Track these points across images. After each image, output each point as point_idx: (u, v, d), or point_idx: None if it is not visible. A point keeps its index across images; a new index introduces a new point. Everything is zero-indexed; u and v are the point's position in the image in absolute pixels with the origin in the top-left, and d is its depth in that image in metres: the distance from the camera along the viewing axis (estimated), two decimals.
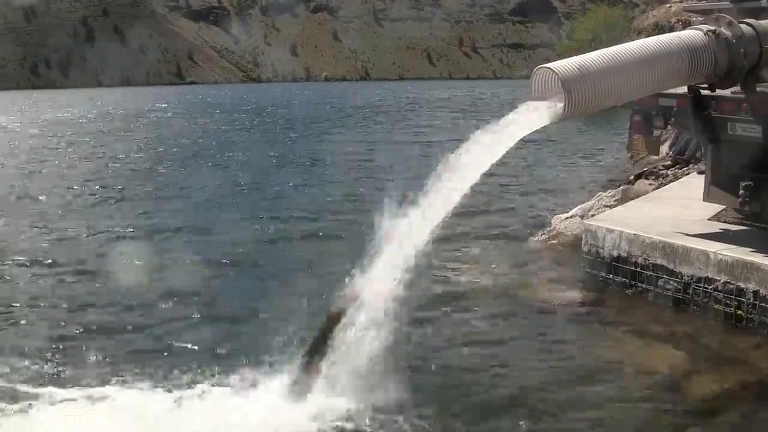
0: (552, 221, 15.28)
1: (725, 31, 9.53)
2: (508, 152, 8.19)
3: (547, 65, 8.37)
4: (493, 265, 13.33)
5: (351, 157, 30.10)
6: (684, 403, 8.10)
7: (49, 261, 13.95)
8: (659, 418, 7.77)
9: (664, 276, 10.91)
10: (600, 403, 8.13)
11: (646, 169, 19.26)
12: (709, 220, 12.03)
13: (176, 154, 32.99)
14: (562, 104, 8.04)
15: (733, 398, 8.17)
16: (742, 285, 9.94)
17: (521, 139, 8.19)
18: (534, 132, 8.26)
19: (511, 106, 8.41)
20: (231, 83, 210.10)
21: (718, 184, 11.59)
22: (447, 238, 8.87)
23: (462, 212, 8.51)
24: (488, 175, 8.28)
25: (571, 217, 14.84)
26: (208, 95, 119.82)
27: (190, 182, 24.24)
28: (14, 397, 8.17)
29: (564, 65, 8.31)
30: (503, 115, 8.26)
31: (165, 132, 45.99)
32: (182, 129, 48.60)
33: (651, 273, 11.11)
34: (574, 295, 11.76)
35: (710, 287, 10.29)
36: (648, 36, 15.70)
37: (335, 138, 38.86)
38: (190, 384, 8.48)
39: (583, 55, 8.69)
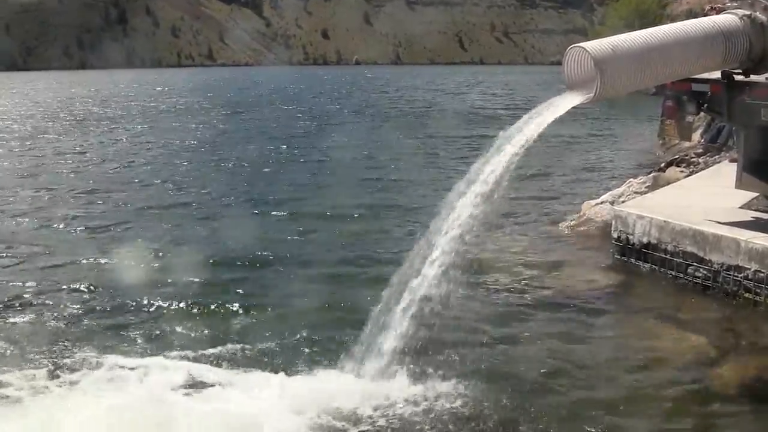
0: (582, 207, 15.20)
1: (761, 16, 9.43)
2: (542, 134, 8.23)
3: (580, 45, 8.32)
4: (522, 250, 13.29)
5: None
6: (712, 390, 8.04)
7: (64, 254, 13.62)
8: (687, 404, 7.73)
9: (694, 263, 10.84)
10: (627, 388, 8.11)
11: (677, 156, 19.10)
12: (740, 208, 11.91)
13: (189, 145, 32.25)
14: (594, 84, 7.99)
15: (762, 386, 8.11)
16: None
17: (554, 122, 8.19)
18: (565, 114, 8.23)
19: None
20: (262, 66, 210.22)
21: (751, 170, 11.47)
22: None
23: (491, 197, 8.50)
24: (519, 160, 8.32)
25: (601, 203, 14.77)
26: (236, 78, 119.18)
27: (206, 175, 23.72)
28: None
29: (597, 45, 8.25)
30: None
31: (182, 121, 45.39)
32: (199, 117, 48.09)
33: (681, 260, 11.04)
34: (603, 280, 11.70)
35: (740, 275, 10.21)
36: None
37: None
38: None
39: (617, 35, 8.62)
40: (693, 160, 18.12)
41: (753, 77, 10.21)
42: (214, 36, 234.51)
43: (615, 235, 12.24)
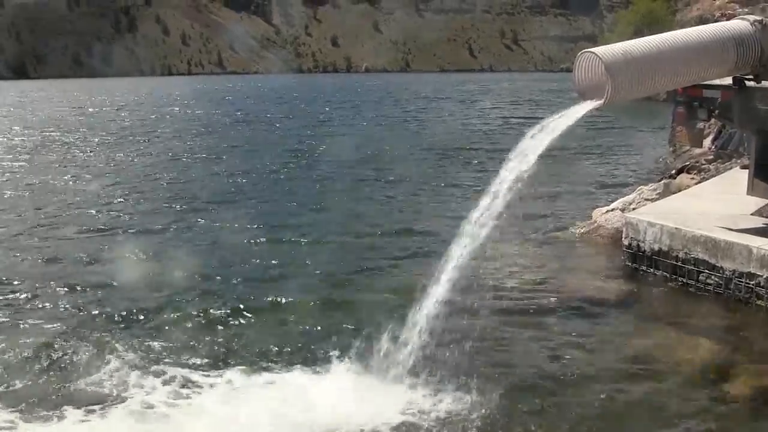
0: (593, 214, 15.15)
1: None
2: (554, 140, 8.31)
3: (591, 50, 8.34)
4: (533, 257, 13.27)
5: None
6: (723, 397, 8.00)
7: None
8: (698, 411, 7.67)
9: (706, 270, 10.79)
10: (639, 395, 8.07)
11: (688, 163, 19.04)
12: (751, 215, 11.86)
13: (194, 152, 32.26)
14: (605, 90, 7.99)
15: None
16: None
17: (566, 129, 8.27)
18: (577, 122, 8.26)
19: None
20: (271, 73, 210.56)
21: (762, 177, 11.43)
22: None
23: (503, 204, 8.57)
24: (531, 167, 8.40)
25: (611, 210, 14.72)
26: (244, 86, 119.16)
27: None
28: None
29: (608, 50, 8.25)
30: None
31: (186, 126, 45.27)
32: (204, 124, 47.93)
33: (692, 267, 10.99)
34: (614, 288, 11.65)
35: (752, 282, 10.16)
36: None
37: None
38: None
39: (628, 41, 8.62)
40: (704, 166, 18.06)
41: (764, 83, 10.17)
42: (223, 44, 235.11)
43: (626, 242, 12.19)
